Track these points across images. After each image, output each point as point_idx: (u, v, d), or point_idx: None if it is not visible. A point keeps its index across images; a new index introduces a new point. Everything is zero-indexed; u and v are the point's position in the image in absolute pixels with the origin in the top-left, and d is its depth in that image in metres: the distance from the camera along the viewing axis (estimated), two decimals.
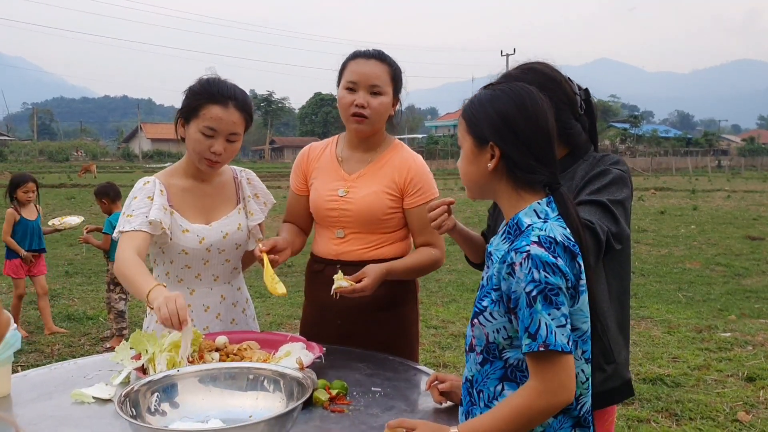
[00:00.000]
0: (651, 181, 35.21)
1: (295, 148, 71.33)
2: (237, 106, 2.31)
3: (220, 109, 2.27)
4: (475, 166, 1.60)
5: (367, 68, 2.38)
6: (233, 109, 2.30)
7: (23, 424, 1.77)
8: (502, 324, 1.52)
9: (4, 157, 57.16)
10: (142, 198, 2.32)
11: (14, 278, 6.44)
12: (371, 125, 2.42)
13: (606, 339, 1.99)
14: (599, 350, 1.97)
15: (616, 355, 2.00)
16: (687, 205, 20.38)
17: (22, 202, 6.51)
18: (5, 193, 6.65)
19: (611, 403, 2.03)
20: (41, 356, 5.71)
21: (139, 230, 2.24)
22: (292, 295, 7.27)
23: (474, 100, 1.62)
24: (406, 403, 1.88)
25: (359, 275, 2.26)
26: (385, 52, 2.45)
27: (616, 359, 2.00)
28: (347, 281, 2.24)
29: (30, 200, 6.57)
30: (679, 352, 5.72)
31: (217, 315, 2.44)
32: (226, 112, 2.28)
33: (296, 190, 2.62)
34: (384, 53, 2.44)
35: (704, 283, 8.85)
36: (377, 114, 2.39)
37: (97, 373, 2.12)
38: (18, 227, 6.46)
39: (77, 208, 18.47)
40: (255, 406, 1.72)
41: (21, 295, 6.48)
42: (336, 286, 2.23)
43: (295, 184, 2.62)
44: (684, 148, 69.43)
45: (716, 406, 4.48)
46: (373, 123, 2.41)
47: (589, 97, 2.07)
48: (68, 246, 11.83)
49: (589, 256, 1.56)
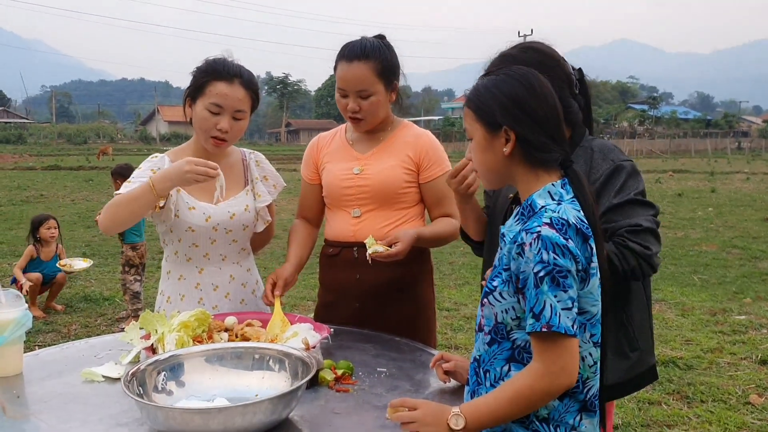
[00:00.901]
0: (669, 164, 34.89)
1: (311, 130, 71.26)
2: (242, 83, 2.33)
3: (225, 86, 2.30)
4: (491, 153, 1.59)
5: (350, 74, 2.35)
6: (238, 86, 2.32)
7: (34, 402, 1.81)
8: (510, 304, 1.52)
9: (24, 140, 57.73)
10: (145, 169, 2.36)
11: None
12: (369, 123, 2.45)
13: (631, 328, 2.00)
14: (625, 338, 1.99)
15: (642, 342, 2.01)
16: (705, 188, 20.20)
17: (45, 240, 6.68)
18: (28, 233, 6.82)
19: (638, 388, 2.07)
20: (58, 336, 5.79)
21: None
22: (306, 276, 7.30)
23: (479, 88, 1.61)
24: (410, 383, 1.89)
25: (391, 240, 2.27)
26: (369, 46, 2.36)
27: (641, 346, 2.00)
28: (381, 246, 2.25)
29: (53, 237, 6.74)
30: (692, 335, 5.69)
31: (226, 294, 2.46)
32: (231, 89, 2.31)
33: (308, 179, 2.64)
34: (367, 48, 2.35)
35: (720, 266, 8.78)
36: (371, 113, 2.41)
37: (107, 353, 2.16)
38: (31, 265, 6.61)
39: (95, 190, 18.66)
40: (260, 385, 1.75)
41: (39, 279, 6.57)
42: (371, 251, 2.23)
43: (307, 173, 2.64)
44: (703, 130, 68.69)
45: (728, 388, 4.46)
46: (370, 120, 2.44)
47: (582, 76, 2.06)
48: (86, 228, 11.95)
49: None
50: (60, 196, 17.58)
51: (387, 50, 2.40)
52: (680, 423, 3.94)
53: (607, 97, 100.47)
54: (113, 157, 34.56)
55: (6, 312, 1.97)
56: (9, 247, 9.88)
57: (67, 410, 1.72)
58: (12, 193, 18.01)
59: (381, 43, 2.40)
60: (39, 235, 6.67)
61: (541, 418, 1.52)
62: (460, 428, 1.49)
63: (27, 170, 27.21)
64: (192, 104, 2.36)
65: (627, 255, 1.86)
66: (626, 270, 1.86)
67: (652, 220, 1.92)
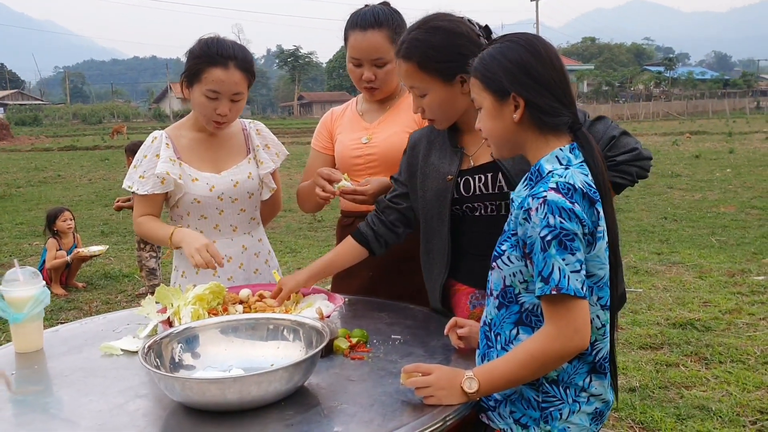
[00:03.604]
0: (686, 125, 34.46)
1: (324, 103, 71.08)
2: (238, 66, 2.33)
3: (221, 71, 2.30)
4: (500, 120, 1.59)
5: (366, 42, 2.36)
6: (234, 69, 2.32)
7: (54, 376, 1.85)
8: (518, 268, 1.53)
9: (39, 121, 58.05)
10: (150, 157, 2.41)
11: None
12: (384, 91, 2.48)
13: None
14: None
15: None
16: (723, 149, 19.94)
17: (63, 231, 6.78)
18: (44, 226, 6.91)
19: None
20: (80, 313, 5.88)
21: (152, 193, 2.37)
22: (322, 248, 7.35)
23: (484, 57, 1.60)
24: (424, 349, 1.91)
25: (364, 182, 2.31)
26: (381, 13, 2.38)
27: None
28: (351, 183, 2.29)
29: (70, 228, 6.85)
30: (710, 297, 5.67)
31: (240, 265, 2.49)
32: (228, 74, 2.31)
33: (321, 149, 2.65)
34: (380, 16, 2.37)
35: (738, 227, 8.71)
36: (387, 82, 2.44)
37: (125, 327, 2.19)
38: None
39: (111, 169, 18.77)
40: (276, 354, 1.76)
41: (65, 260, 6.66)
42: (340, 185, 2.28)
43: (320, 143, 2.66)
44: (721, 90, 67.70)
45: (747, 349, 4.45)
46: (385, 89, 2.47)
47: (489, 34, 2.00)
48: (103, 207, 12.05)
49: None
50: (77, 176, 17.71)
51: (398, 16, 2.40)
52: (698, 384, 3.94)
53: (622, 60, 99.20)
54: (128, 136, 34.69)
55: (24, 289, 2.00)
56: (29, 227, 10.00)
57: (87, 383, 1.75)
58: (30, 174, 18.17)
59: (391, 10, 2.41)
60: (56, 227, 6.76)
61: (551, 380, 1.54)
62: (474, 391, 1.51)
63: (43, 151, 27.40)
64: (189, 87, 2.38)
65: (623, 169, 1.92)
66: (633, 180, 1.95)
67: (614, 126, 1.97)
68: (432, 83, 1.96)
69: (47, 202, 12.57)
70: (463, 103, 1.98)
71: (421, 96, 2.00)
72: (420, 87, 1.98)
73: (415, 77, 1.97)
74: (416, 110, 2.06)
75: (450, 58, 1.92)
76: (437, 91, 1.97)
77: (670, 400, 3.75)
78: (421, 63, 1.94)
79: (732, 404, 3.64)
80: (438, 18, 1.99)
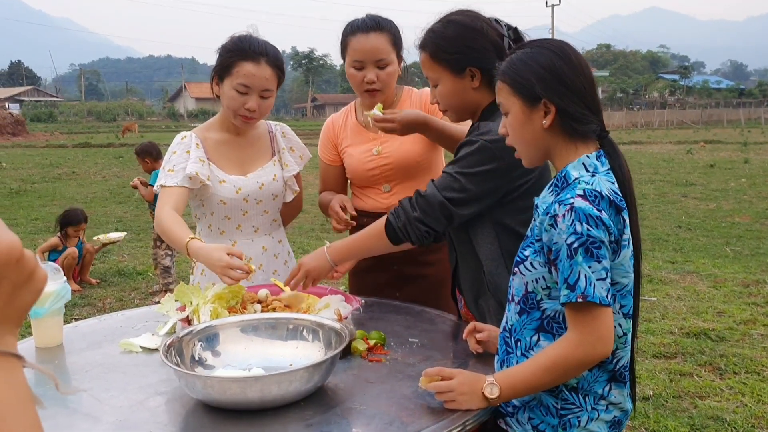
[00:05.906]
0: (701, 134, 34.28)
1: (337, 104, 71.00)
2: (269, 62, 2.34)
3: (252, 66, 2.31)
4: (529, 127, 1.58)
5: (369, 44, 2.40)
6: (265, 65, 2.33)
7: (75, 371, 1.86)
8: (541, 274, 1.53)
9: (54, 118, 58.45)
10: (181, 153, 2.39)
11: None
12: (385, 94, 2.50)
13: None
14: None
15: None
16: (738, 158, 19.81)
17: (69, 236, 6.79)
18: (56, 221, 6.91)
19: None
20: (94, 309, 5.92)
21: (180, 186, 2.33)
22: None
23: (513, 61, 1.60)
24: (442, 353, 1.91)
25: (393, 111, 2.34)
26: (379, 18, 2.45)
27: None
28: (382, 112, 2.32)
29: (78, 238, 6.85)
30: (724, 307, 5.63)
31: (260, 266, 2.50)
32: (259, 69, 2.32)
33: (328, 161, 2.69)
34: (379, 20, 2.44)
35: (753, 237, 8.65)
36: (388, 84, 2.47)
37: (144, 324, 2.20)
38: (53, 254, 6.65)
39: (125, 167, 18.87)
40: (295, 354, 1.77)
41: (75, 254, 6.69)
42: (372, 112, 2.31)
43: (326, 155, 2.69)
44: (736, 99, 67.27)
45: (762, 360, 4.42)
46: (386, 91, 2.49)
47: (519, 36, 2.01)
48: (117, 204, 12.13)
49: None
50: (91, 173, 17.82)
51: (395, 24, 2.48)
52: (712, 394, 3.92)
53: (637, 67, 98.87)
54: (141, 134, 34.89)
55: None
56: (44, 223, 10.06)
57: (107, 379, 1.76)
58: (45, 170, 18.30)
59: (387, 18, 2.47)
60: (67, 231, 6.77)
61: (570, 387, 1.53)
62: (495, 397, 1.50)
63: (58, 148, 27.62)
64: (219, 83, 2.38)
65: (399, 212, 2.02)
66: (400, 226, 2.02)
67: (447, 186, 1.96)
68: (442, 73, 2.02)
69: (62, 199, 12.67)
70: (475, 97, 2.03)
71: (434, 86, 2.07)
72: (433, 77, 2.06)
73: (428, 67, 2.04)
74: (433, 101, 2.12)
75: (458, 50, 1.98)
76: (447, 82, 2.03)
77: (683, 409, 3.73)
78: (433, 53, 2.01)
79: (747, 416, 3.62)
80: (456, 12, 2.05)
